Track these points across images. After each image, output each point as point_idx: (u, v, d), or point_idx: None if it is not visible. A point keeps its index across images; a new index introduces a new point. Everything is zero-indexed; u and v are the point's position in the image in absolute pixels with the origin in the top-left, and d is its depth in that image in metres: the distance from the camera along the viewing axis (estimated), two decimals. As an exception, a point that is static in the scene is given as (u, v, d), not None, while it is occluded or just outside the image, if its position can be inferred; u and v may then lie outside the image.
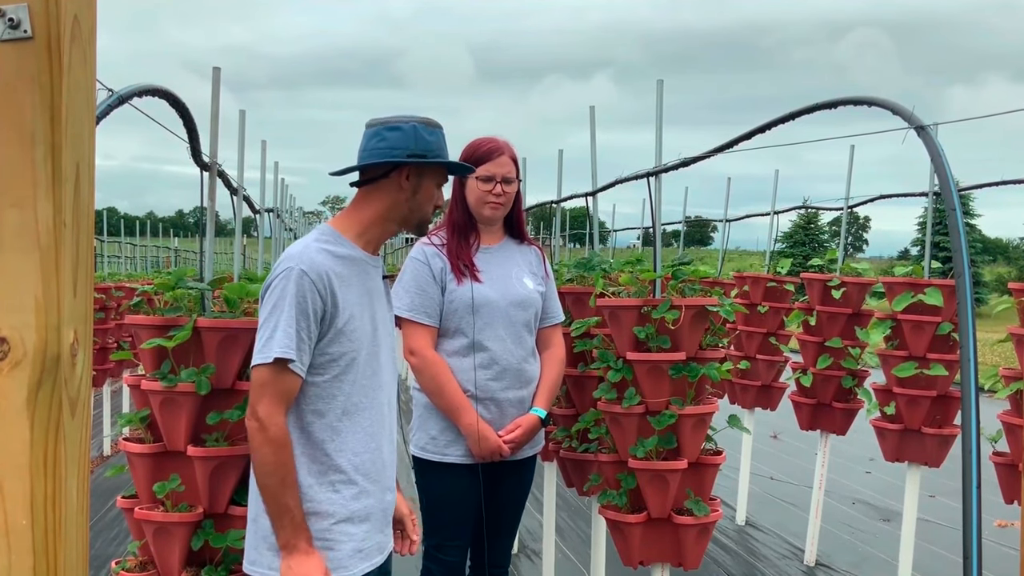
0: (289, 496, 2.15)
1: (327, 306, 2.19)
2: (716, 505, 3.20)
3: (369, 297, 2.31)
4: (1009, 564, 5.41)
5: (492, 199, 3.10)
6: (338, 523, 2.23)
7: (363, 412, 2.28)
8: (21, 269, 0.96)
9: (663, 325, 3.11)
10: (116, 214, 25.74)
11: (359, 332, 2.25)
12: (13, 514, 0.96)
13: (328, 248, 2.26)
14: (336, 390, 2.24)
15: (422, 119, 2.31)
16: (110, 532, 5.88)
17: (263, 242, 6.28)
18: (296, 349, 2.15)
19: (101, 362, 7.60)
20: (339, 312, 2.21)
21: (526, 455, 3.22)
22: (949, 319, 4.46)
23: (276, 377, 2.15)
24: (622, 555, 3.26)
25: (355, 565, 2.26)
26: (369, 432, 2.29)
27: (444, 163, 2.35)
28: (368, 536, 2.29)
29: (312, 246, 2.25)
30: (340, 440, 2.25)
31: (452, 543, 3.13)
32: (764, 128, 2.91)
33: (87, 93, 1.01)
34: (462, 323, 3.04)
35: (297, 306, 2.15)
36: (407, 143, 2.27)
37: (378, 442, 2.32)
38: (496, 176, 3.08)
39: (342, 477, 2.24)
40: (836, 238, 20.43)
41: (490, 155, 3.09)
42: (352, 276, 2.27)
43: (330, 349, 2.22)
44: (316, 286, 2.17)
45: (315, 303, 2.17)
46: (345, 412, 2.25)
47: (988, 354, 14.45)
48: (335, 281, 2.21)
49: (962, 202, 2.61)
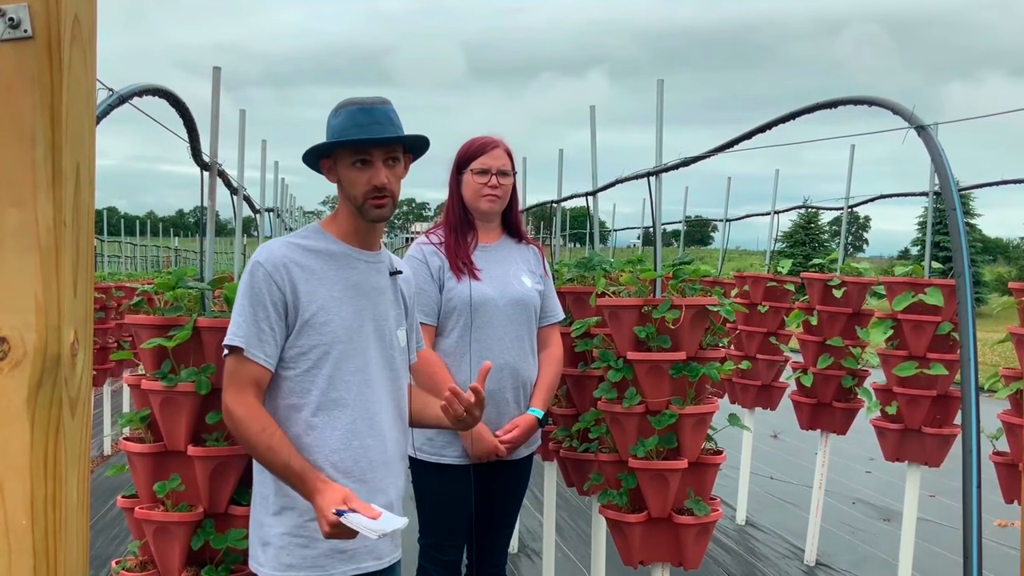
0: (281, 455, 2.12)
1: (287, 297, 2.19)
2: (716, 505, 3.19)
3: (355, 291, 2.28)
4: (1009, 564, 5.41)
5: (488, 191, 3.10)
6: (313, 520, 2.15)
7: (344, 409, 2.23)
8: (21, 269, 0.96)
9: (663, 325, 3.11)
10: (116, 214, 25.74)
11: (333, 325, 2.22)
12: (13, 514, 0.96)
13: (298, 242, 2.27)
14: (310, 384, 2.22)
15: (339, 104, 2.27)
16: (110, 532, 5.88)
17: (263, 242, 6.27)
18: (248, 337, 2.16)
19: (101, 362, 7.60)
20: (301, 304, 2.20)
21: (522, 455, 3.22)
22: (949, 319, 4.46)
23: (234, 366, 2.18)
24: (622, 555, 3.26)
25: (333, 566, 2.21)
26: (351, 429, 2.24)
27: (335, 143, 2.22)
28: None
29: (279, 241, 2.28)
30: (316, 435, 2.21)
31: (449, 543, 3.13)
32: (764, 128, 2.91)
33: (87, 93, 1.01)
34: (460, 321, 3.04)
35: (252, 297, 2.18)
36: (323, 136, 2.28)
37: (363, 441, 2.25)
38: (491, 168, 3.08)
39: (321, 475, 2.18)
40: (836, 238, 20.40)
41: (484, 149, 3.10)
42: (328, 270, 2.25)
43: (299, 342, 2.21)
44: (272, 277, 2.18)
45: (272, 294, 2.18)
46: (321, 407, 2.22)
47: (988, 354, 14.44)
48: (295, 272, 2.21)
49: (962, 202, 2.61)
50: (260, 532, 2.26)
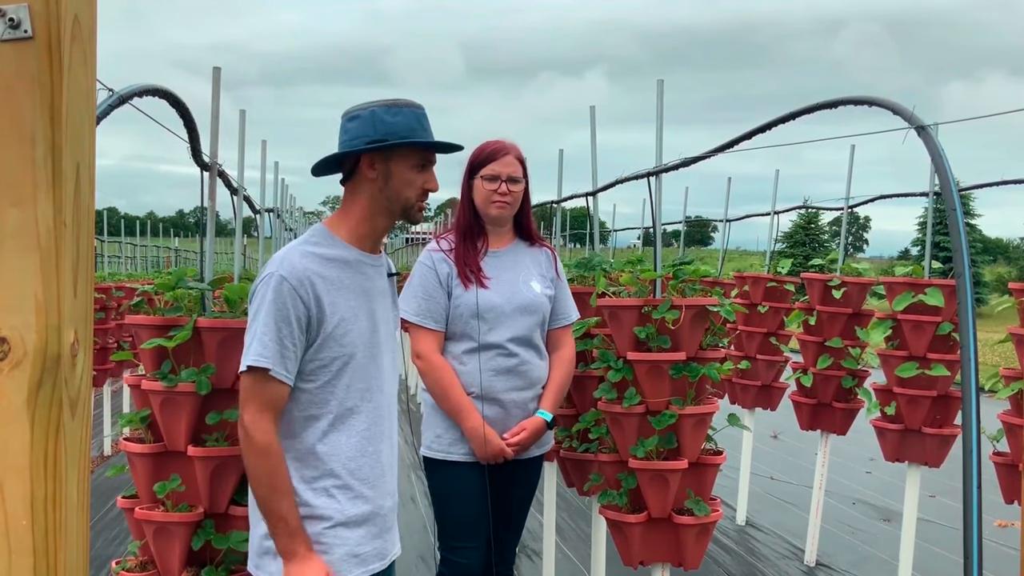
0: (282, 502, 2.11)
1: (311, 311, 2.14)
2: (716, 505, 3.19)
3: (367, 297, 2.25)
4: (1009, 564, 5.41)
5: (498, 198, 3.10)
6: (332, 527, 2.18)
7: (358, 416, 2.22)
8: (21, 269, 0.95)
9: (663, 325, 3.11)
10: (116, 214, 25.74)
11: (353, 335, 2.20)
12: (13, 514, 0.96)
13: (315, 251, 2.20)
14: (329, 395, 2.19)
15: (385, 102, 2.21)
16: (110, 532, 5.88)
17: (263, 242, 6.28)
18: (274, 357, 2.10)
19: (101, 362, 7.60)
20: (326, 317, 2.16)
21: (533, 455, 3.22)
22: (949, 319, 4.46)
23: (258, 385, 2.11)
24: (623, 555, 3.26)
25: (349, 570, 2.21)
26: (366, 436, 2.23)
27: (408, 143, 2.18)
28: (364, 541, 2.24)
29: (296, 249, 2.19)
30: (333, 444, 2.20)
31: (464, 544, 3.11)
32: (764, 128, 2.91)
33: (87, 93, 1.01)
34: (468, 327, 3.06)
35: (276, 313, 2.10)
36: (365, 131, 2.18)
37: (376, 446, 2.26)
38: (501, 175, 3.09)
39: (336, 482, 2.19)
40: (836, 238, 20.42)
41: (495, 155, 3.11)
42: (344, 278, 2.21)
43: (320, 355, 2.17)
44: (297, 292, 2.12)
45: (297, 309, 2.12)
46: (338, 417, 2.20)
47: (988, 354, 14.45)
48: (320, 285, 2.15)
49: (962, 202, 2.61)
50: (268, 543, 2.20)
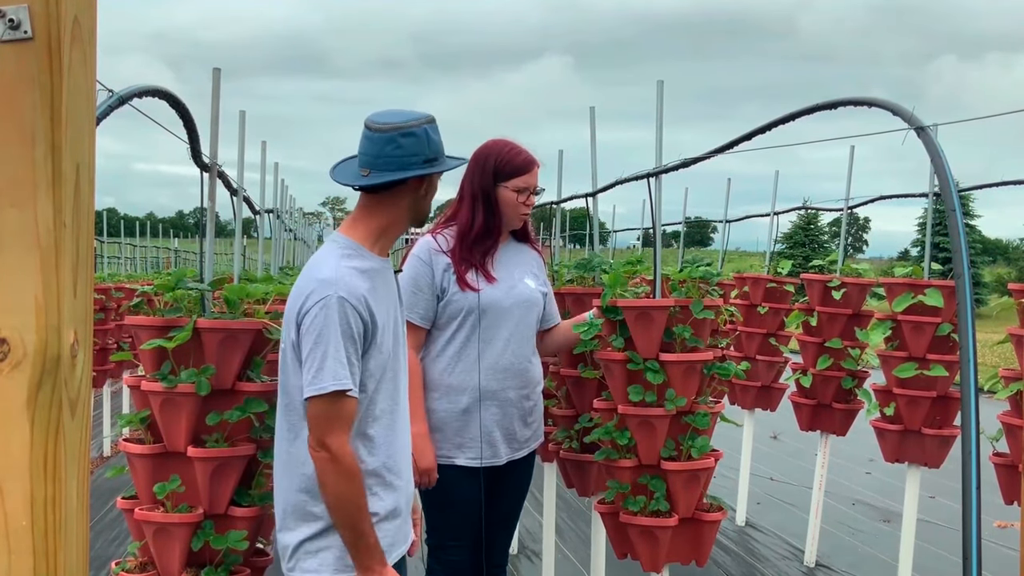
0: (364, 522, 2.21)
1: (368, 327, 2.23)
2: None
3: (390, 303, 2.35)
4: (1009, 564, 5.41)
5: (525, 210, 3.15)
6: (378, 523, 2.27)
7: (388, 415, 2.32)
8: (21, 269, 0.96)
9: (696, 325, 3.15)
10: (116, 214, 25.72)
11: (387, 343, 2.29)
12: (13, 515, 0.96)
13: (355, 265, 2.26)
14: (374, 404, 2.28)
15: (426, 119, 2.31)
16: (110, 533, 5.88)
17: (263, 243, 6.28)
18: (351, 378, 2.18)
19: (101, 363, 7.60)
20: (377, 329, 2.25)
21: (527, 450, 3.23)
22: (949, 320, 4.46)
23: (337, 407, 2.17)
24: (645, 561, 3.19)
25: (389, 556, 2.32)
26: (394, 431, 2.34)
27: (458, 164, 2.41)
28: (399, 529, 2.36)
29: (343, 268, 2.24)
30: (372, 445, 2.28)
31: (454, 543, 3.13)
32: (764, 128, 2.91)
33: (87, 93, 1.01)
34: (466, 323, 3.05)
35: (343, 334, 2.17)
36: (422, 149, 2.27)
37: (402, 439, 2.38)
38: (531, 188, 3.12)
39: (378, 480, 2.29)
40: (836, 239, 20.42)
41: (528, 167, 3.10)
42: (379, 287, 2.30)
43: (368, 365, 2.25)
44: (358, 310, 2.20)
45: (358, 327, 2.20)
46: (375, 419, 2.29)
47: (988, 355, 14.43)
48: (371, 301, 2.24)
49: (962, 202, 2.61)
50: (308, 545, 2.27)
